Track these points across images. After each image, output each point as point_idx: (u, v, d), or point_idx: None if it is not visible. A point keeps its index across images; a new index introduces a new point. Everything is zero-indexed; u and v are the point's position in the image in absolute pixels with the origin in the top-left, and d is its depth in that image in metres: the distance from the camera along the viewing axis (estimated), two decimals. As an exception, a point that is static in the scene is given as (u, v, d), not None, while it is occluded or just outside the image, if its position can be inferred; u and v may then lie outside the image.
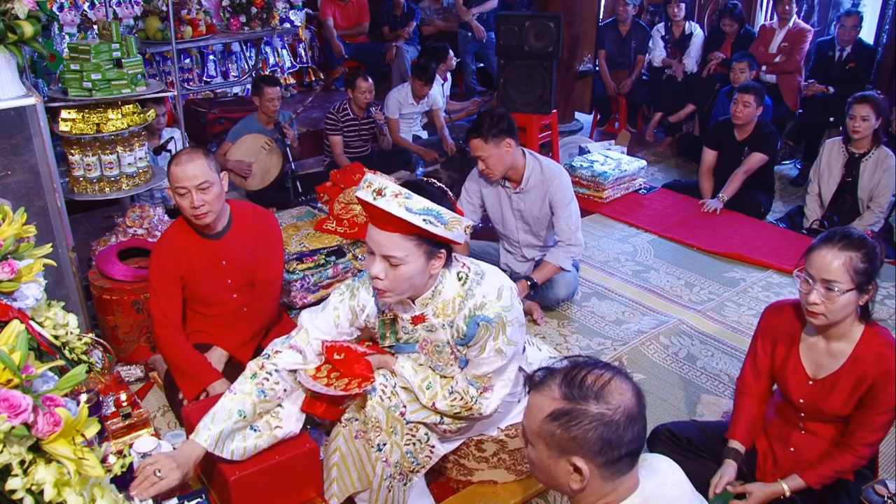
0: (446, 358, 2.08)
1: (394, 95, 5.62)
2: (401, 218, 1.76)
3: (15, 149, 2.70)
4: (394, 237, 1.82)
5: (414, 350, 2.12)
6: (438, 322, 2.02)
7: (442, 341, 2.05)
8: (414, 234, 1.83)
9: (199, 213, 2.53)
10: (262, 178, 4.76)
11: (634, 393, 1.30)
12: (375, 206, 1.78)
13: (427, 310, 2.02)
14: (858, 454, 2.03)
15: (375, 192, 1.79)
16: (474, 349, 2.01)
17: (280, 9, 6.45)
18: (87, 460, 1.20)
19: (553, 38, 4.87)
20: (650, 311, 3.62)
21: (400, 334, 2.10)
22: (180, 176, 2.49)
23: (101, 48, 3.20)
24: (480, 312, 1.95)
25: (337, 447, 2.14)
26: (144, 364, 3.03)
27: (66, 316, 1.71)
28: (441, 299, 2.00)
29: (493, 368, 2.03)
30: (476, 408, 2.06)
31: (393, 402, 2.07)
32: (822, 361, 2.07)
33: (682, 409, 2.89)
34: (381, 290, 1.92)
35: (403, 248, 1.83)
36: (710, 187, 4.82)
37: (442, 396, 2.06)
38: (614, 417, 1.26)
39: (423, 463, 2.15)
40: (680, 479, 1.42)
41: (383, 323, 2.10)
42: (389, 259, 1.85)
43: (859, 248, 1.90)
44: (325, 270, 3.48)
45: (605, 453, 1.27)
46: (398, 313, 2.07)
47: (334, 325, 2.11)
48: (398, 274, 1.86)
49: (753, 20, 6.51)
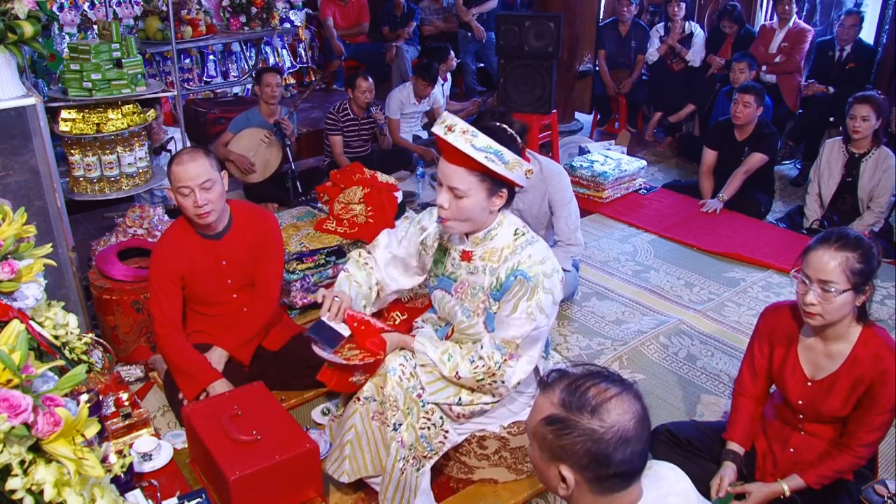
0: (477, 304, 2.15)
1: (395, 95, 5.62)
2: (465, 153, 1.92)
3: (15, 149, 2.70)
4: (459, 170, 1.98)
5: (451, 288, 2.21)
6: (482, 265, 2.14)
7: (479, 285, 2.15)
8: (477, 171, 1.98)
9: (203, 213, 2.53)
10: (262, 170, 4.77)
11: (636, 416, 1.26)
12: (445, 140, 1.94)
13: (477, 249, 2.15)
14: (857, 454, 2.03)
15: (447, 128, 1.95)
16: (506, 307, 2.07)
17: (280, 9, 6.45)
18: (87, 460, 1.20)
19: (553, 38, 4.87)
20: (650, 311, 3.62)
21: (448, 267, 2.22)
22: (183, 176, 2.49)
23: (101, 48, 3.21)
24: (522, 268, 2.05)
25: (353, 425, 2.17)
26: (144, 364, 3.03)
27: (66, 316, 1.71)
28: (492, 245, 2.13)
29: (522, 333, 2.06)
30: (500, 374, 2.07)
31: (411, 384, 2.11)
32: (821, 363, 2.07)
33: (681, 409, 2.89)
34: (444, 219, 2.08)
35: (466, 181, 1.99)
36: (710, 187, 4.82)
37: (464, 364, 2.10)
38: (605, 436, 1.23)
39: (436, 449, 2.16)
40: (685, 489, 1.39)
41: (439, 248, 2.26)
42: (454, 190, 2.01)
43: (856, 248, 1.90)
44: (325, 270, 3.48)
45: (592, 469, 1.25)
46: (451, 245, 2.21)
47: (399, 241, 2.35)
48: (460, 206, 2.02)
49: (753, 20, 6.51)
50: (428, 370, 2.14)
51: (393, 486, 2.13)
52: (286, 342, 2.82)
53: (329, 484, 2.34)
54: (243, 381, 2.57)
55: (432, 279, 2.30)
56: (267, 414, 2.25)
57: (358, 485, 2.33)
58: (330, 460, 2.28)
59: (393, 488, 2.14)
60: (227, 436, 2.14)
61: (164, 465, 2.28)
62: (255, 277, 2.76)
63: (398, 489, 2.14)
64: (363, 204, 3.66)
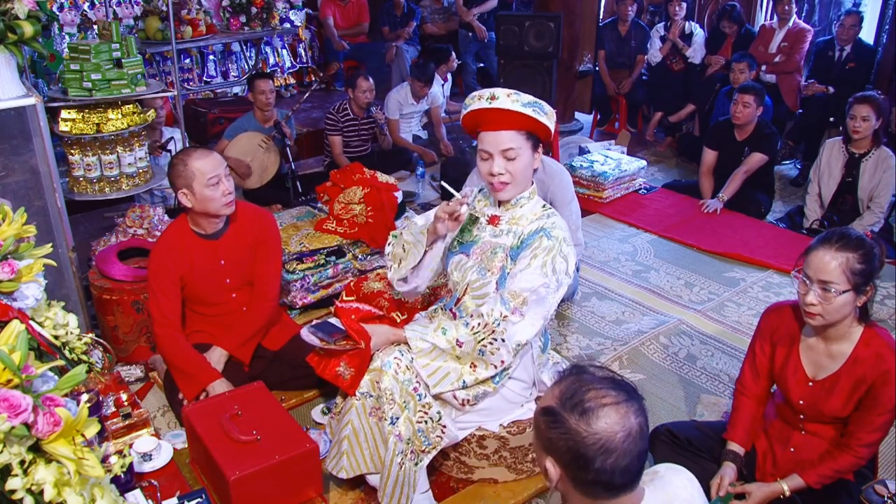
0: (494, 263, 2.21)
1: (394, 96, 5.62)
2: (516, 112, 2.08)
3: (15, 149, 2.70)
4: (509, 133, 2.12)
5: (470, 250, 2.28)
6: (507, 228, 2.24)
7: (500, 246, 2.22)
8: (523, 129, 2.13)
9: (231, 200, 2.60)
10: (259, 176, 4.75)
11: (627, 431, 1.23)
12: (492, 108, 2.09)
13: (505, 214, 2.25)
14: (858, 454, 2.03)
15: (490, 98, 2.10)
16: (522, 262, 2.14)
17: (280, 9, 6.45)
18: (87, 460, 1.20)
19: (553, 38, 4.88)
20: (650, 311, 3.62)
21: (474, 232, 2.31)
22: (209, 167, 2.52)
23: (101, 48, 3.21)
24: (546, 227, 2.18)
25: (349, 420, 2.18)
26: (144, 364, 3.03)
27: (66, 316, 1.71)
28: (520, 212, 2.24)
29: (532, 286, 2.09)
30: (500, 331, 2.09)
31: (406, 377, 2.13)
32: (822, 362, 2.07)
33: (682, 409, 2.89)
34: (502, 185, 2.17)
35: (517, 140, 2.13)
36: (710, 187, 4.82)
37: (461, 329, 2.12)
38: (587, 440, 1.22)
39: (434, 443, 2.16)
40: (692, 496, 1.38)
41: (469, 218, 2.33)
42: (506, 153, 2.13)
43: (857, 249, 1.90)
44: (325, 270, 3.48)
45: (572, 469, 1.25)
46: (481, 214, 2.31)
47: None
48: (516, 166, 2.14)
49: (753, 20, 6.51)
50: (424, 364, 2.13)
51: (392, 481, 2.14)
52: (286, 342, 2.82)
53: (329, 482, 2.34)
54: (243, 380, 2.57)
55: (455, 246, 2.33)
56: (267, 414, 2.26)
57: (357, 481, 2.33)
58: (329, 457, 2.29)
59: (392, 483, 2.14)
60: (227, 436, 2.14)
61: (164, 465, 2.28)
62: (254, 276, 2.76)
63: (397, 484, 2.14)
64: (363, 204, 3.65)
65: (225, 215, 2.65)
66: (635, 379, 3.07)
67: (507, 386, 2.26)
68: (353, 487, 2.35)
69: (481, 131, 2.17)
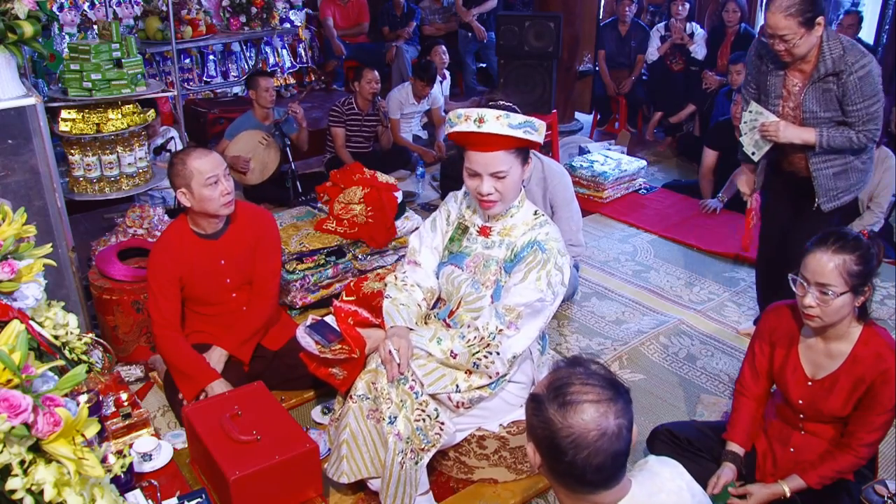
0: (488, 276, 2.20)
1: (394, 96, 5.62)
2: (506, 136, 2.01)
3: (15, 149, 2.70)
4: (498, 155, 2.06)
5: (462, 262, 2.26)
6: (499, 240, 2.22)
7: (493, 258, 2.20)
8: (513, 148, 2.07)
9: (230, 200, 2.59)
10: (260, 172, 4.78)
11: (602, 430, 1.22)
12: (480, 132, 2.01)
13: (496, 225, 2.23)
14: (858, 454, 2.03)
15: (477, 121, 2.02)
16: (516, 276, 2.13)
17: (280, 9, 6.46)
18: (87, 460, 1.20)
19: (553, 38, 4.87)
20: (650, 311, 3.62)
21: (464, 243, 2.28)
22: (208, 166, 2.52)
23: (101, 48, 3.21)
24: (539, 239, 2.14)
25: (347, 424, 2.18)
26: (144, 364, 3.03)
27: (66, 316, 1.71)
28: (511, 221, 2.21)
29: (526, 301, 2.08)
30: (494, 345, 2.09)
31: (402, 376, 2.13)
32: (821, 362, 2.07)
33: (682, 409, 2.89)
34: (490, 203, 2.13)
35: (507, 161, 2.08)
36: (710, 187, 4.82)
37: (457, 341, 2.12)
38: (560, 432, 1.23)
39: (433, 441, 2.16)
40: (679, 487, 1.37)
41: (458, 226, 2.32)
42: (497, 174, 2.08)
43: (854, 250, 1.90)
44: (325, 270, 3.48)
45: (547, 458, 1.28)
46: (470, 223, 2.29)
47: (431, 230, 2.40)
48: (506, 184, 2.10)
49: (753, 20, 6.51)
50: (421, 363, 2.14)
51: (394, 482, 2.13)
52: (286, 342, 2.82)
53: (329, 485, 2.34)
54: (243, 380, 2.57)
55: (444, 256, 2.32)
56: (267, 414, 2.25)
57: (358, 485, 2.33)
58: (328, 463, 2.28)
59: (395, 484, 2.14)
60: (227, 436, 2.14)
61: (164, 465, 2.28)
62: (254, 275, 2.76)
63: (399, 484, 2.14)
64: (363, 204, 3.65)
65: (224, 215, 2.65)
66: (635, 379, 3.07)
67: (506, 388, 2.26)
68: (354, 491, 2.35)
69: (469, 150, 2.11)
